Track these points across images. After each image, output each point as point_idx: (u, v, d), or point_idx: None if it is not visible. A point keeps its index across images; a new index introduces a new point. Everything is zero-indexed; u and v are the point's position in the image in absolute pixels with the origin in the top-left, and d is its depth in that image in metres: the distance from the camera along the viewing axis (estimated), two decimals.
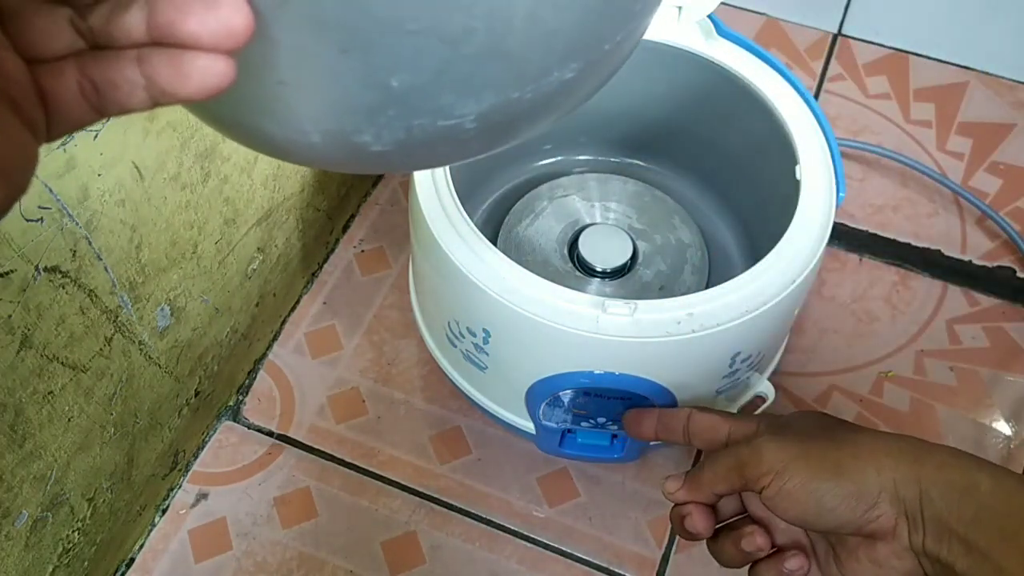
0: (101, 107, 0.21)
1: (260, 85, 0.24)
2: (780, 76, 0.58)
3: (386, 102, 0.25)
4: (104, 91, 0.21)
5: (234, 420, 0.66)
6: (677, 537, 0.61)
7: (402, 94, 0.24)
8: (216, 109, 0.27)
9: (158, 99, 0.21)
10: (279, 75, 0.24)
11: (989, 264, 0.73)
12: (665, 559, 0.61)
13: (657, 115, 0.66)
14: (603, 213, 0.66)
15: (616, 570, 0.60)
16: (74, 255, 0.44)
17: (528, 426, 0.58)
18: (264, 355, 0.69)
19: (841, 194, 0.53)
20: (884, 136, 0.81)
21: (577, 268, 0.63)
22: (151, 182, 0.48)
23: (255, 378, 0.68)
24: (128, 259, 0.49)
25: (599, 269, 0.62)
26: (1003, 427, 0.65)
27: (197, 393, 0.62)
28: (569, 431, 0.59)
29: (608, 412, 0.55)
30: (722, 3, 0.59)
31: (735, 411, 0.59)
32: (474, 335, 0.54)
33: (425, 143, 0.26)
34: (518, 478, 0.63)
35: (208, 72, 0.20)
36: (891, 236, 0.75)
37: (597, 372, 0.51)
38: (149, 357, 0.54)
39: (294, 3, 0.22)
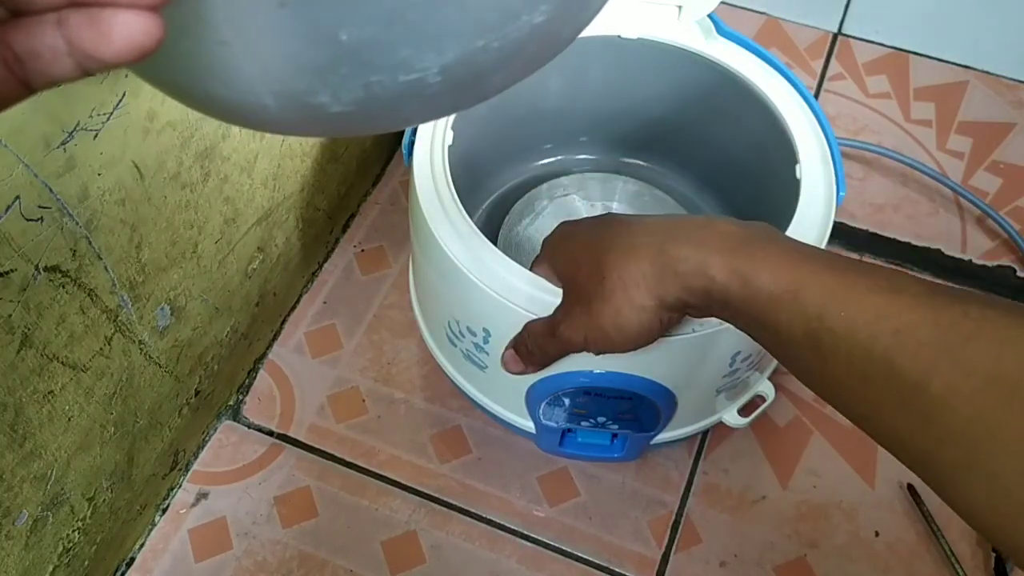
0: (27, 79, 0.20)
1: (201, 45, 0.23)
2: (780, 75, 0.58)
3: (338, 58, 0.23)
4: (26, 61, 0.19)
5: (234, 420, 0.66)
6: (677, 537, 0.61)
7: (354, 48, 0.22)
8: (163, 74, 0.26)
9: (84, 64, 0.19)
10: (219, 34, 0.22)
11: (989, 263, 0.73)
12: (665, 558, 0.61)
13: (657, 114, 0.66)
14: (603, 212, 0.66)
15: (616, 569, 0.60)
16: (74, 254, 0.44)
17: (528, 425, 0.58)
18: (264, 355, 0.69)
19: (841, 193, 0.53)
20: (884, 135, 0.81)
21: None
22: (151, 181, 0.48)
23: (255, 377, 0.68)
24: (128, 258, 0.49)
25: None
26: None
27: (197, 392, 0.62)
28: (569, 430, 0.59)
29: (608, 411, 0.55)
30: (722, 2, 0.59)
31: (736, 410, 0.60)
32: (474, 334, 0.54)
33: (388, 101, 0.24)
34: (518, 477, 0.63)
35: (131, 30, 0.19)
36: (891, 235, 0.75)
37: (597, 371, 0.51)
38: (149, 356, 0.54)
39: None
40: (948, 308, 0.29)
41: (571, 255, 0.42)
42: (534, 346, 0.48)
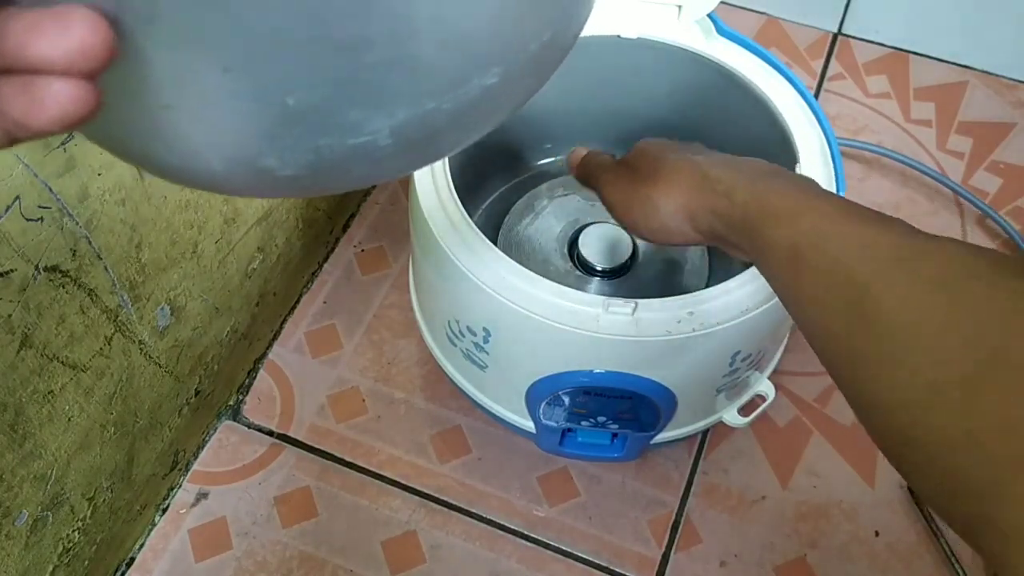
0: None
1: (144, 110, 0.22)
2: (780, 75, 0.58)
3: (285, 122, 0.22)
4: None
5: (234, 419, 0.66)
6: (677, 537, 0.61)
7: (301, 112, 0.22)
8: (105, 136, 0.25)
9: (14, 133, 0.19)
10: (162, 98, 0.22)
11: None
12: (665, 559, 0.61)
13: (657, 114, 0.66)
14: (603, 212, 0.66)
15: (616, 569, 0.60)
16: (74, 254, 0.44)
17: (528, 425, 0.58)
18: (264, 354, 0.69)
19: (841, 193, 0.53)
20: (884, 135, 0.81)
21: (577, 267, 0.63)
22: (151, 181, 0.48)
23: (255, 377, 0.68)
24: (128, 258, 0.49)
25: (599, 268, 0.62)
26: None
27: (197, 392, 0.62)
28: (569, 430, 0.59)
29: (608, 411, 0.55)
30: (722, 2, 0.59)
31: (736, 410, 0.60)
32: (474, 334, 0.54)
33: (338, 164, 0.24)
34: (518, 477, 0.63)
35: (65, 98, 0.18)
36: None
37: (597, 371, 0.51)
38: (149, 356, 0.54)
39: (160, 19, 0.19)
40: (917, 236, 0.33)
41: (646, 150, 0.48)
42: (592, 163, 0.53)
